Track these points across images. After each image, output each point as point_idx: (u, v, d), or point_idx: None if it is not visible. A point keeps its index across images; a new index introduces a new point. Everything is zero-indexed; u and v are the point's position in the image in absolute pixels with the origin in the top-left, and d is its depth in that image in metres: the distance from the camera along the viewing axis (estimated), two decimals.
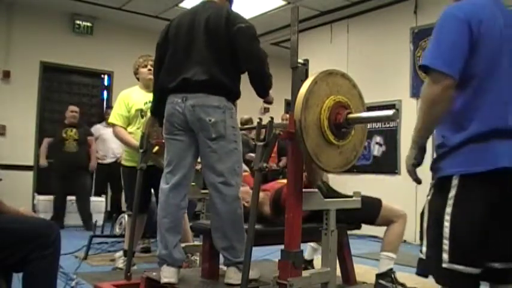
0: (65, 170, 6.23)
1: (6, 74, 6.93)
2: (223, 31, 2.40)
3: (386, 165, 6.31)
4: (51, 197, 6.53)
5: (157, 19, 7.47)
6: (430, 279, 1.73)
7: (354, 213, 2.51)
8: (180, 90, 2.43)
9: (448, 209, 1.64)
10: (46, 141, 6.40)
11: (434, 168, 1.74)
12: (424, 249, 1.71)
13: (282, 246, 2.02)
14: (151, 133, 3.09)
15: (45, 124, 7.34)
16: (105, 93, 7.94)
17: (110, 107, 7.13)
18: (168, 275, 2.40)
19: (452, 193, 1.65)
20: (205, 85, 2.38)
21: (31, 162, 7.13)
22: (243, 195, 2.52)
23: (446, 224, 1.63)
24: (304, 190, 2.06)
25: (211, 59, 2.40)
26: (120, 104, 3.72)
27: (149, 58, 3.83)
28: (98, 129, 6.86)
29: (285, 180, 2.47)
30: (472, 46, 1.64)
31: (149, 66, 3.76)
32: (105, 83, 7.91)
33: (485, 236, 1.63)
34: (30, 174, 7.11)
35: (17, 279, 2.03)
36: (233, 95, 2.47)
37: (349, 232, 2.91)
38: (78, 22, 7.43)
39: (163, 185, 2.51)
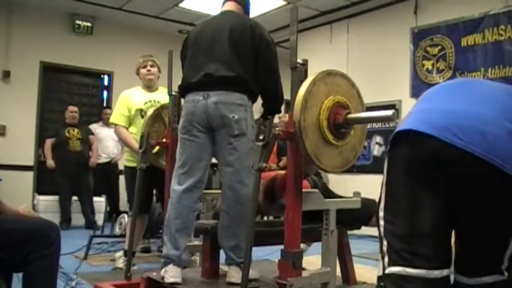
0: (70, 169, 6.29)
1: (6, 74, 6.93)
2: (248, 39, 2.44)
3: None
4: (51, 197, 6.56)
5: (157, 19, 7.48)
6: None
7: (348, 214, 2.50)
8: (201, 86, 2.43)
9: (381, 204, 1.39)
10: (49, 141, 6.42)
11: None
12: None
13: (282, 246, 2.02)
14: (150, 133, 3.09)
15: (45, 124, 7.34)
16: (105, 93, 7.94)
17: (108, 107, 7.14)
18: (174, 274, 2.39)
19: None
20: (229, 81, 2.39)
21: (31, 162, 7.13)
22: None
23: (381, 222, 1.38)
24: (304, 190, 2.06)
25: (234, 59, 2.42)
26: (121, 104, 3.73)
27: (149, 59, 3.84)
28: (94, 128, 6.88)
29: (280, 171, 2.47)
30: None
31: (148, 67, 3.78)
32: (105, 83, 7.91)
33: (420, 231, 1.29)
34: (30, 174, 7.11)
35: (17, 279, 2.03)
36: (253, 95, 2.49)
37: (349, 232, 2.91)
38: (78, 22, 7.43)
39: (176, 186, 2.48)
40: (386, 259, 1.35)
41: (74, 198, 6.51)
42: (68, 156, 6.29)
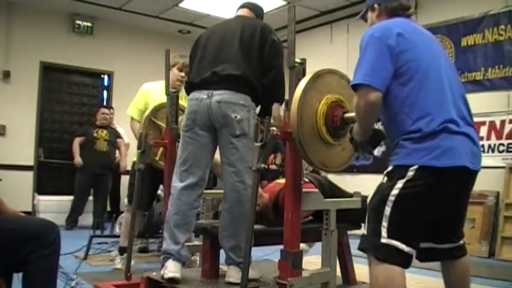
0: (94, 169, 6.28)
1: (6, 74, 6.92)
2: (257, 39, 2.48)
3: (386, 165, 6.29)
4: (51, 197, 6.55)
5: (157, 19, 7.47)
6: (432, 280, 1.73)
7: (353, 213, 2.51)
8: (206, 84, 2.44)
9: (395, 191, 1.76)
10: (77, 140, 6.39)
11: (391, 159, 1.88)
12: (367, 225, 1.86)
13: (282, 246, 2.02)
14: (148, 134, 3.09)
15: (45, 124, 7.34)
16: (105, 93, 7.93)
17: (105, 106, 6.96)
18: (173, 269, 2.39)
19: (403, 180, 1.77)
20: (234, 80, 2.40)
21: (31, 162, 7.13)
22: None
23: (389, 204, 1.76)
24: (304, 190, 2.06)
25: (242, 60, 2.44)
26: (139, 98, 3.71)
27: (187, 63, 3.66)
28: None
29: (283, 180, 2.47)
30: (395, 56, 1.78)
31: (183, 73, 3.59)
32: (105, 83, 7.90)
33: (421, 222, 1.79)
34: (30, 174, 7.10)
35: (17, 279, 2.03)
36: (257, 97, 2.49)
37: (349, 232, 2.90)
38: (78, 22, 7.43)
39: (177, 183, 2.49)
40: (384, 232, 1.77)
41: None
42: (93, 156, 6.27)
